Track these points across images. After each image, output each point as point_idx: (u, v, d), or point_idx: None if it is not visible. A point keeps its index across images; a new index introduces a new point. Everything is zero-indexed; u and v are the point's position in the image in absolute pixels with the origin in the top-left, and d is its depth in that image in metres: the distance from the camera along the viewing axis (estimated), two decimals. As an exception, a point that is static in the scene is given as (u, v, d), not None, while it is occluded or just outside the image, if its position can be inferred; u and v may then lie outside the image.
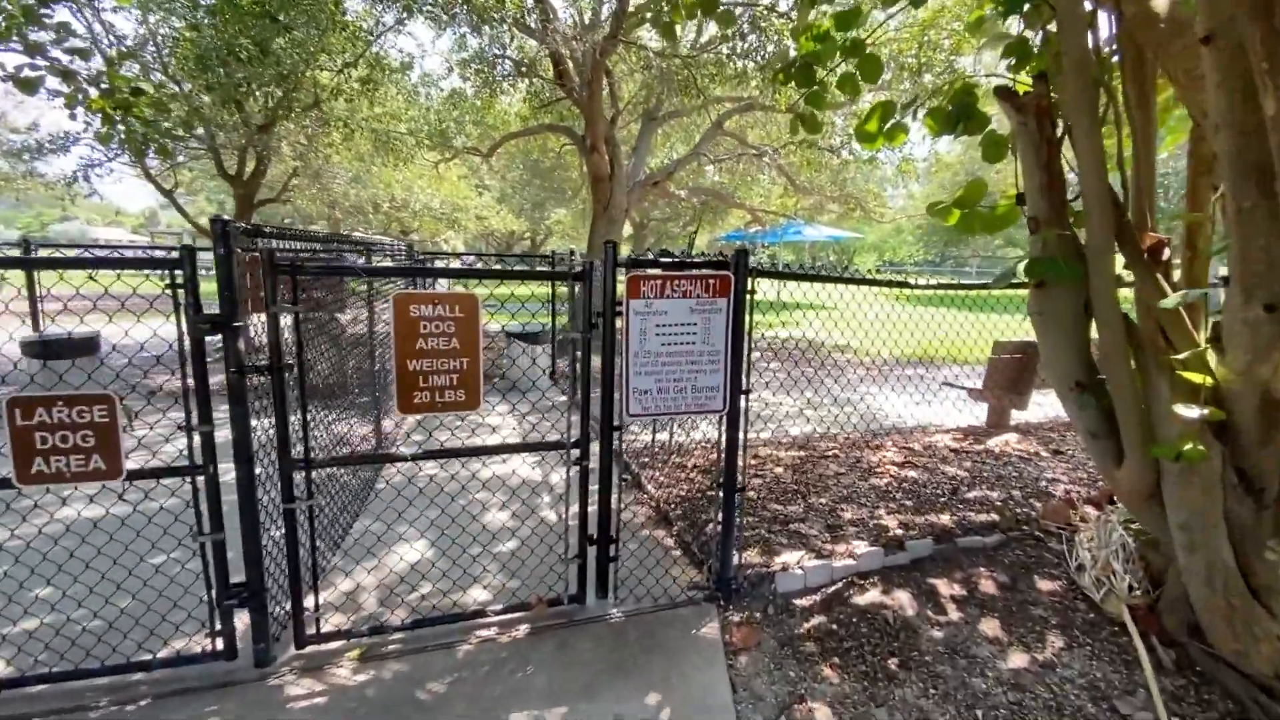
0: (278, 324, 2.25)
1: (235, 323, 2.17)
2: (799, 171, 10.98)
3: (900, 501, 3.88)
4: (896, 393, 6.83)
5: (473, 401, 2.46)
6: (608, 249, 2.53)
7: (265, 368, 2.25)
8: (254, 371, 2.23)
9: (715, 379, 2.76)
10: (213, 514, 2.29)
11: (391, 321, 2.30)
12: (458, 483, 3.55)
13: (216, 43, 6.14)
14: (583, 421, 2.67)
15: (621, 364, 2.64)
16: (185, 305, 2.14)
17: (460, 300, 2.37)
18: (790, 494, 4.02)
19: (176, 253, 2.15)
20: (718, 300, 2.67)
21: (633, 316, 2.60)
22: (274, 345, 2.25)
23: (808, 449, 5.05)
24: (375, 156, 12.20)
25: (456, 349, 2.40)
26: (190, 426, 2.20)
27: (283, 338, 2.27)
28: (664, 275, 2.59)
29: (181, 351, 2.19)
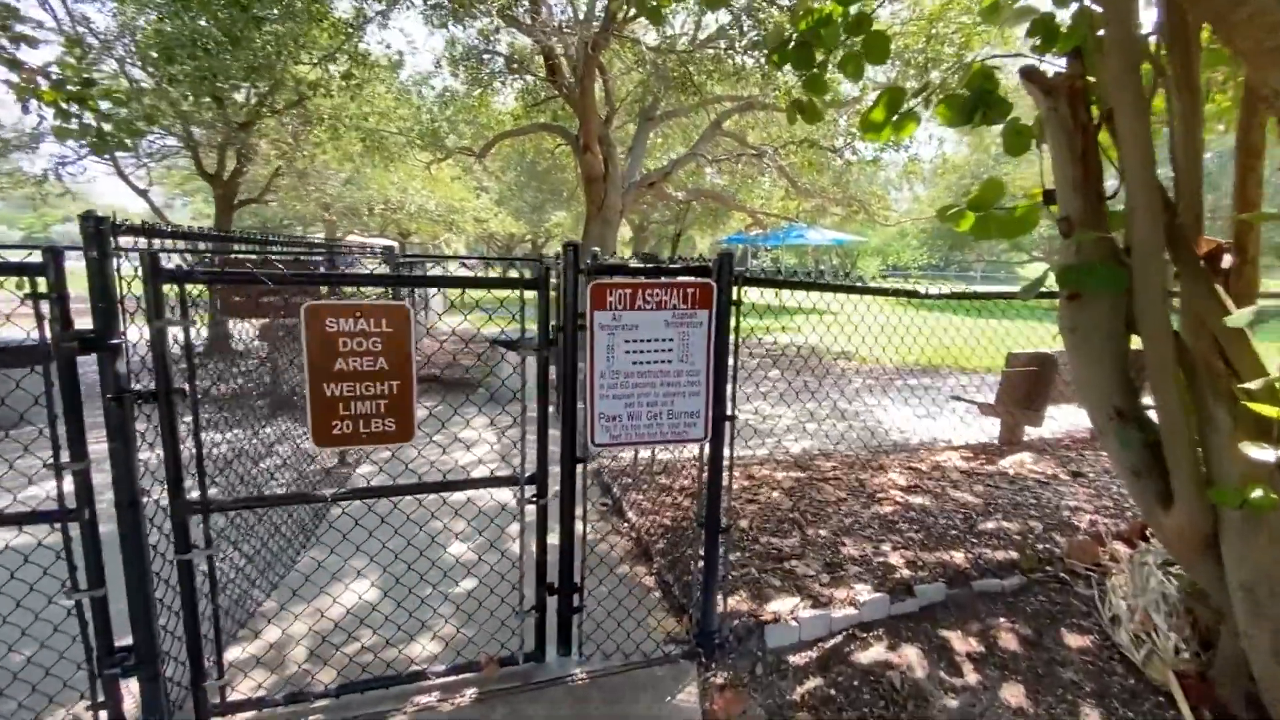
0: (164, 340, 1.88)
1: (112, 340, 1.80)
2: (800, 173, 10.60)
3: (907, 535, 3.49)
4: (900, 404, 6.44)
5: (404, 432, 2.09)
6: (566, 252, 2.16)
7: (150, 394, 1.88)
8: (138, 398, 1.86)
9: (695, 403, 2.38)
10: (91, 566, 1.92)
11: (303, 337, 1.93)
12: (425, 509, 3.16)
13: (181, 32, 5.79)
14: (540, 452, 2.30)
15: (587, 386, 2.26)
16: (51, 319, 1.77)
17: (388, 312, 2.00)
18: (786, 523, 3.63)
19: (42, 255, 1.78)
20: (697, 312, 2.30)
21: (598, 331, 2.23)
22: (160, 366, 1.88)
23: (806, 469, 4.66)
24: (364, 157, 11.86)
25: (384, 370, 2.03)
26: (59, 464, 1.83)
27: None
28: (634, 284, 2.22)
29: (46, 374, 1.82)
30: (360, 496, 2.15)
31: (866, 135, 2.88)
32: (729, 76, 8.59)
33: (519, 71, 9.40)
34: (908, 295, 2.98)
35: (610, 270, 2.26)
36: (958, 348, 7.31)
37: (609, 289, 2.20)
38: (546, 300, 2.19)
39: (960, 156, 19.63)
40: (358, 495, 2.14)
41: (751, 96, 10.08)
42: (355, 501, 3.26)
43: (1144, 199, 2.06)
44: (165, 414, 1.92)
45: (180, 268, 1.86)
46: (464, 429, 5.64)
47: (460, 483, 2.22)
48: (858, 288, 2.78)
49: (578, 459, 2.33)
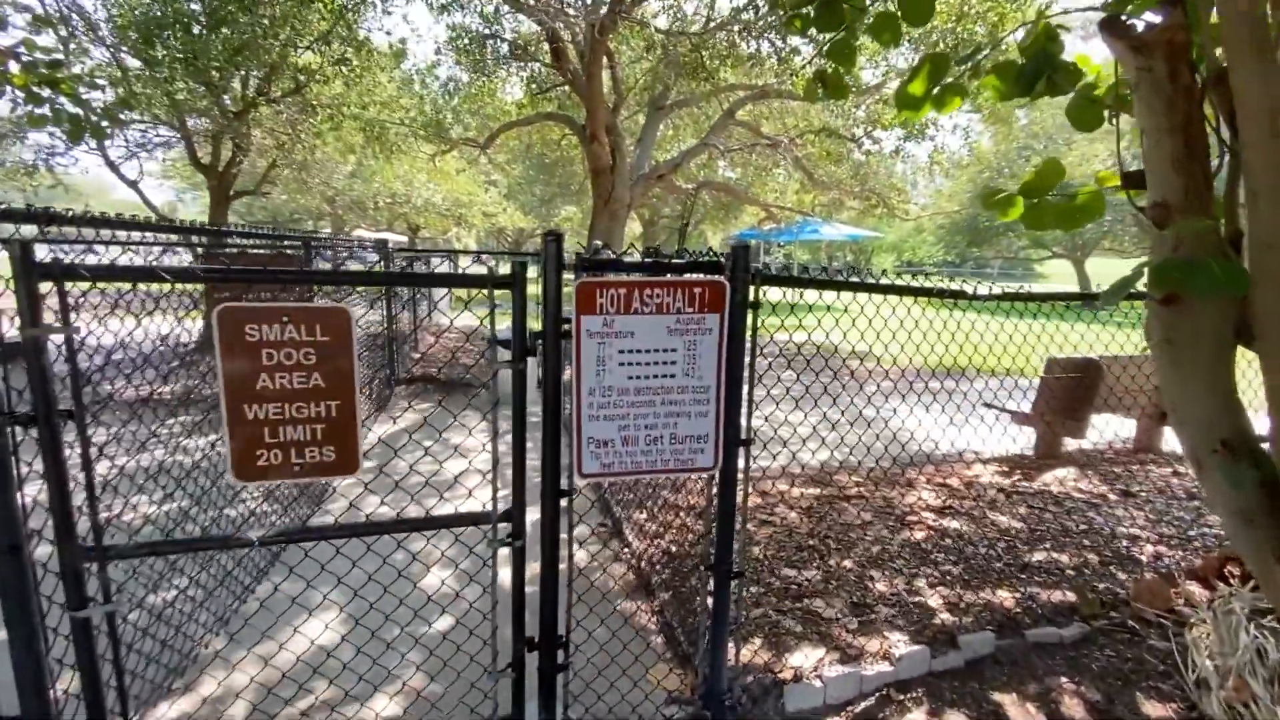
0: (43, 353, 1.51)
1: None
2: (817, 164, 10.14)
3: (944, 568, 3.08)
4: (924, 410, 5.97)
5: (346, 463, 1.71)
6: (548, 244, 1.77)
7: (30, 417, 1.52)
8: (13, 422, 1.50)
9: (703, 425, 1.98)
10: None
11: (218, 346, 1.56)
12: (392, 539, 2.79)
13: (163, 11, 5.46)
14: (516, 485, 1.91)
15: (572, 405, 1.88)
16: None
17: (325, 317, 1.62)
18: (805, 551, 3.23)
19: None
20: (707, 317, 1.90)
21: (586, 339, 1.84)
22: (39, 385, 1.51)
23: (826, 485, 4.25)
24: (366, 148, 11.55)
25: (320, 387, 1.65)
26: (-88, 502, 1.48)
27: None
28: (630, 282, 1.82)
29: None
30: (293, 540, 1.78)
31: (903, 112, 2.45)
32: (743, 62, 8.14)
33: (523, 57, 9.01)
34: (953, 296, 2.56)
35: (601, 266, 1.87)
36: (984, 349, 6.83)
37: (599, 288, 1.81)
38: (522, 301, 1.80)
39: (989, 145, 18.85)
40: (290, 539, 1.77)
41: (767, 84, 9.63)
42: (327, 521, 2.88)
43: (1273, 178, 1.63)
44: (47, 441, 1.55)
45: (58, 261, 1.49)
46: (466, 437, 5.27)
47: (418, 521, 1.85)
48: (893, 287, 2.37)
49: (562, 492, 1.95)
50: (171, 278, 1.51)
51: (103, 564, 1.67)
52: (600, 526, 3.71)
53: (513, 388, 1.85)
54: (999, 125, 10.29)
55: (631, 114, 11.96)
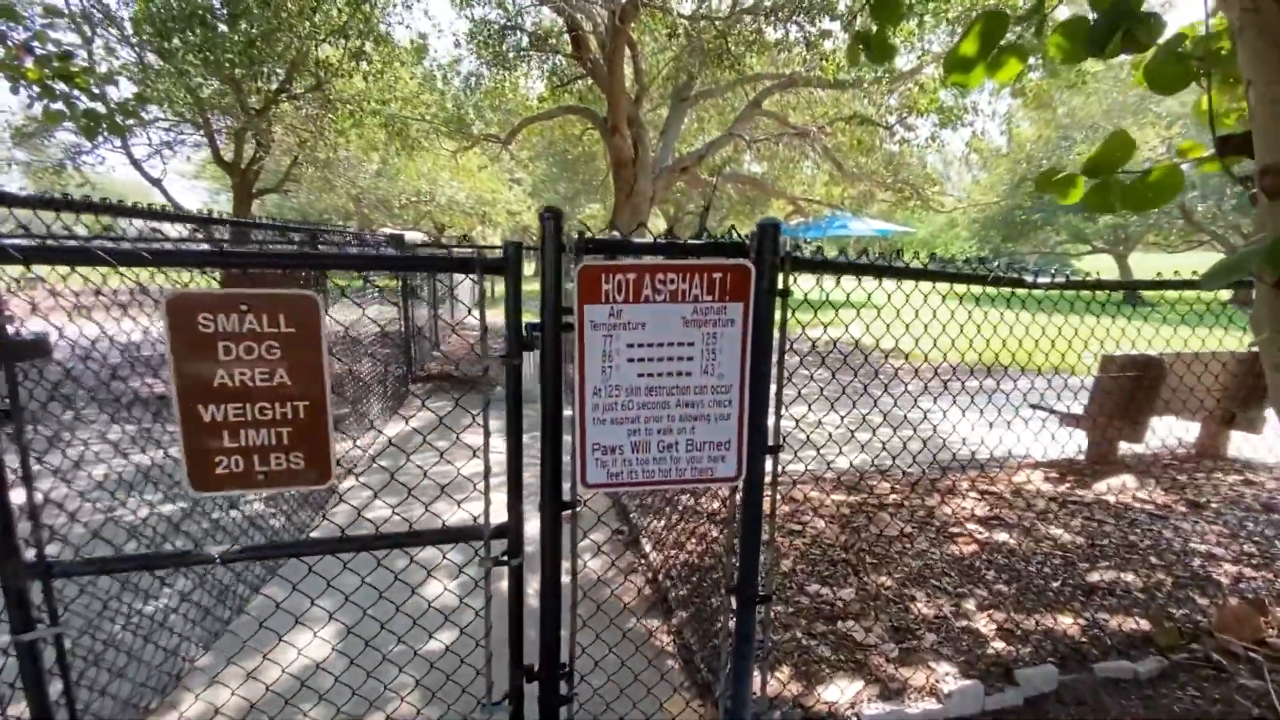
0: (-28, 345, 1.33)
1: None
2: (847, 154, 9.75)
3: (995, 588, 2.78)
4: (964, 409, 5.60)
5: (318, 471, 1.51)
6: (546, 222, 1.54)
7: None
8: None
9: (725, 429, 1.74)
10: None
11: (168, 339, 1.36)
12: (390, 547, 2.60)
13: (176, 5, 5.39)
14: (511, 497, 1.69)
15: (574, 405, 1.65)
16: None
17: (290, 306, 1.42)
18: (838, 565, 2.96)
19: None
20: (729, 306, 1.65)
21: (590, 332, 1.61)
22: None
23: (859, 491, 3.96)
24: (388, 144, 11.52)
25: (285, 386, 1.45)
26: None
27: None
28: (640, 266, 1.59)
29: None
30: (260, 557, 1.58)
31: (952, 78, 2.16)
32: (770, 48, 7.82)
33: (543, 49, 8.82)
34: (1012, 285, 2.26)
35: (607, 248, 1.64)
36: (1028, 346, 6.42)
37: (605, 273, 1.57)
38: (516, 288, 1.58)
39: (1032, 131, 17.95)
40: (257, 556, 1.58)
41: (794, 73, 9.28)
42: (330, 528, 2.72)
43: None
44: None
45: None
46: (475, 436, 5.10)
47: (400, 537, 1.64)
48: (943, 274, 2.09)
49: (564, 504, 1.72)
50: (111, 260, 1.32)
51: (47, 583, 1.50)
52: (616, 534, 3.48)
53: (506, 387, 1.63)
54: (1040, 111, 9.74)
55: (655, 107, 11.72)
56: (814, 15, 6.50)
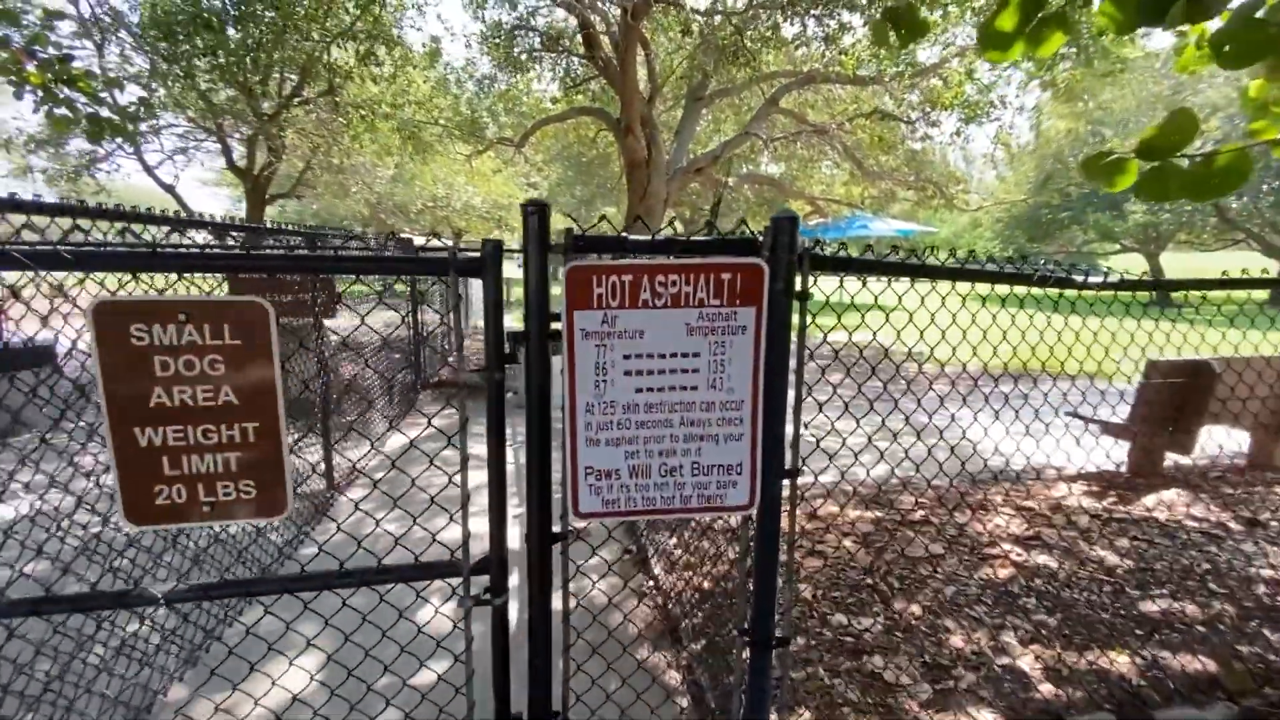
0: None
1: None
2: (867, 152, 9.46)
3: (1036, 617, 2.53)
4: (993, 417, 5.30)
5: (272, 501, 1.33)
6: (528, 217, 1.35)
7: None
8: None
9: (735, 451, 1.53)
10: None
11: (96, 352, 1.20)
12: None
13: (182, 7, 5.32)
14: (494, 528, 1.50)
15: (564, 424, 1.46)
16: None
17: (236, 315, 1.24)
18: (863, 592, 2.73)
19: None
20: (739, 310, 1.45)
21: (581, 341, 1.41)
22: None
23: (884, 507, 3.72)
24: (402, 149, 11.48)
25: (232, 405, 1.28)
26: None
27: None
28: (636, 266, 1.39)
29: None
30: (209, 596, 1.41)
31: (988, 53, 1.94)
32: (787, 44, 7.59)
33: (555, 49, 8.68)
34: (1059, 285, 2.03)
35: (600, 246, 1.44)
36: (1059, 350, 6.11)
37: (596, 275, 1.38)
38: (495, 293, 1.39)
39: (1061, 125, 17.32)
40: (205, 595, 1.40)
41: (813, 70, 9.04)
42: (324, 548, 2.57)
43: None
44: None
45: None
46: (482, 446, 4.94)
47: (368, 573, 1.45)
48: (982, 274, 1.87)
49: (554, 536, 1.53)
50: (33, 263, 1.16)
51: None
52: (625, 554, 3.28)
53: (488, 405, 1.45)
54: (1070, 104, 9.34)
55: (669, 108, 11.54)
56: (833, 7, 6.27)
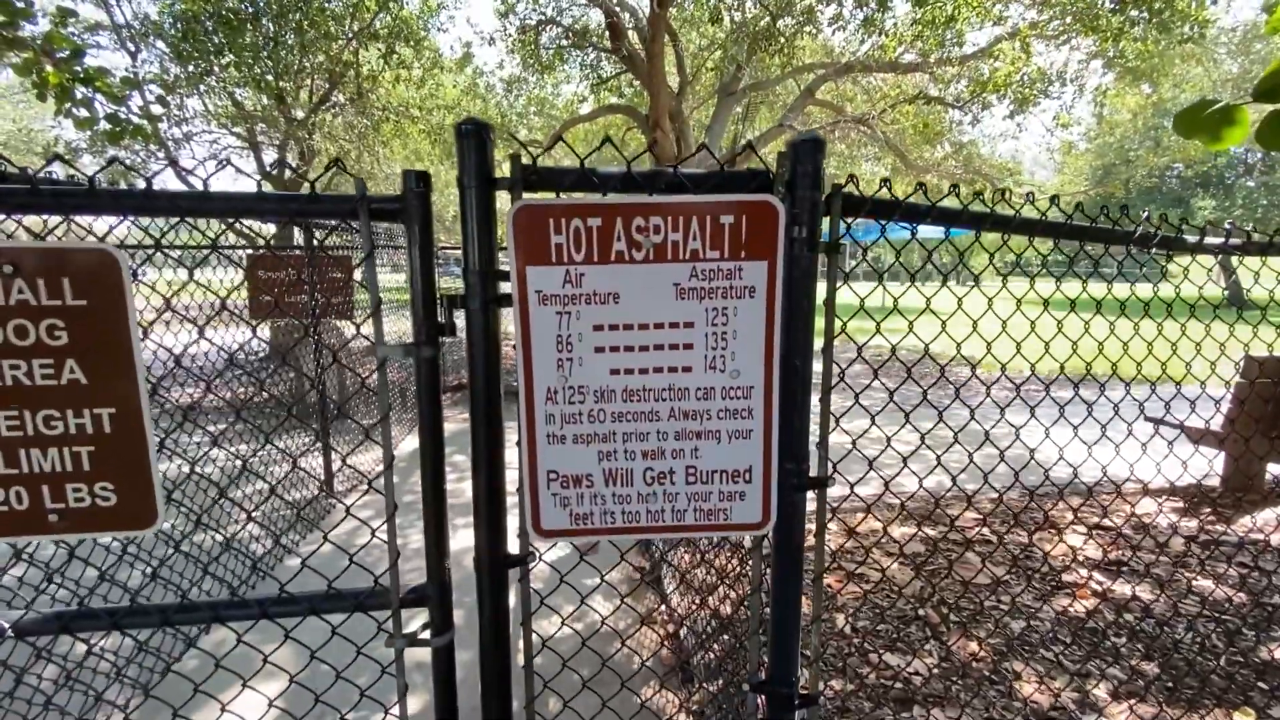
0: None
1: None
2: (910, 145, 8.91)
3: (1129, 662, 2.06)
4: (1053, 423, 4.75)
5: (136, 508, 1.04)
6: (463, 140, 1.03)
7: None
8: None
9: (744, 453, 1.17)
10: None
11: (-98, 319, 0.93)
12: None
13: (198, 8, 5.27)
14: (431, 551, 1.18)
15: (519, 418, 1.13)
16: None
17: (79, 266, 0.96)
18: (913, 625, 2.31)
19: None
20: (745, 266, 1.09)
21: (536, 307, 1.08)
22: None
23: (934, 522, 3.27)
24: (432, 153, 11.49)
25: (80, 384, 0.99)
26: None
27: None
28: (607, 206, 1.06)
29: None
30: (66, 630, 1.13)
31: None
32: (823, 28, 7.18)
33: (581, 44, 8.47)
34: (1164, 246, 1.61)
35: (557, 179, 1.11)
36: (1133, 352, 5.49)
37: (553, 217, 1.05)
38: (426, 245, 1.07)
39: (1123, 118, 16.16)
40: (62, 629, 1.12)
41: (851, 59, 8.58)
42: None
43: None
44: None
45: None
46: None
47: (270, 603, 1.14)
48: (1069, 229, 1.48)
49: (508, 559, 1.19)
50: None
51: None
52: (637, 571, 2.93)
53: (417, 389, 1.13)
54: (1136, 84, 8.57)
55: (700, 104, 11.21)
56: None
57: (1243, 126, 1.39)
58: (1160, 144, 17.38)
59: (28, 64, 4.65)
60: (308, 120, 8.24)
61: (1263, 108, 1.38)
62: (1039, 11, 7.79)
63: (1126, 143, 17.95)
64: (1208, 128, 1.42)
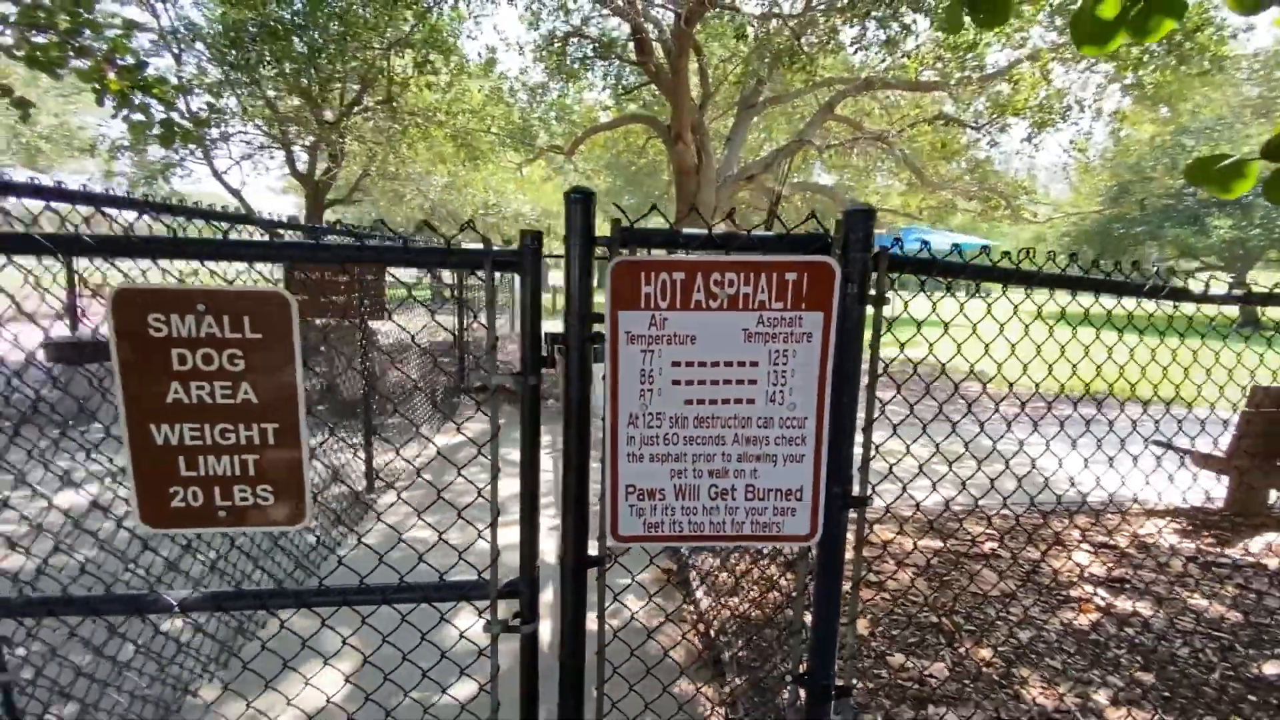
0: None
1: None
2: (927, 160, 9.06)
3: (1129, 671, 2.23)
4: (1061, 443, 4.89)
5: (290, 508, 1.24)
6: (571, 205, 1.22)
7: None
8: None
9: (797, 474, 1.36)
10: None
11: (113, 344, 1.13)
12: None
13: (250, 17, 5.50)
14: (526, 551, 1.37)
15: (604, 437, 1.32)
16: None
17: (257, 306, 1.16)
18: (927, 632, 2.48)
19: None
20: (805, 315, 1.28)
21: (625, 346, 1.28)
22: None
23: (946, 534, 3.44)
24: (455, 156, 11.70)
25: (251, 404, 1.19)
26: None
27: None
28: (690, 263, 1.25)
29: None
30: (222, 608, 1.32)
31: (1083, 47, 1.72)
32: (845, 48, 7.35)
33: (607, 55, 8.67)
34: (1174, 298, 1.77)
35: (650, 239, 1.30)
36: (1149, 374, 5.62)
37: (645, 271, 1.24)
38: (535, 291, 1.27)
39: (1134, 140, 16.29)
40: (216, 606, 1.32)
41: (871, 75, 8.75)
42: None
43: None
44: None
45: None
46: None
47: (388, 590, 1.34)
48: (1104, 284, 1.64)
49: (588, 560, 1.38)
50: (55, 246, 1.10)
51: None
52: (665, 573, 3.11)
53: (521, 415, 1.32)
54: (1154, 108, 8.70)
55: (720, 115, 11.39)
56: (896, 7, 6.01)
57: (1250, 179, 1.56)
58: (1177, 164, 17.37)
59: (93, 70, 4.88)
60: (339, 123, 8.48)
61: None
62: (1059, 34, 7.93)
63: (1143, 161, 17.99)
64: (1217, 179, 1.59)
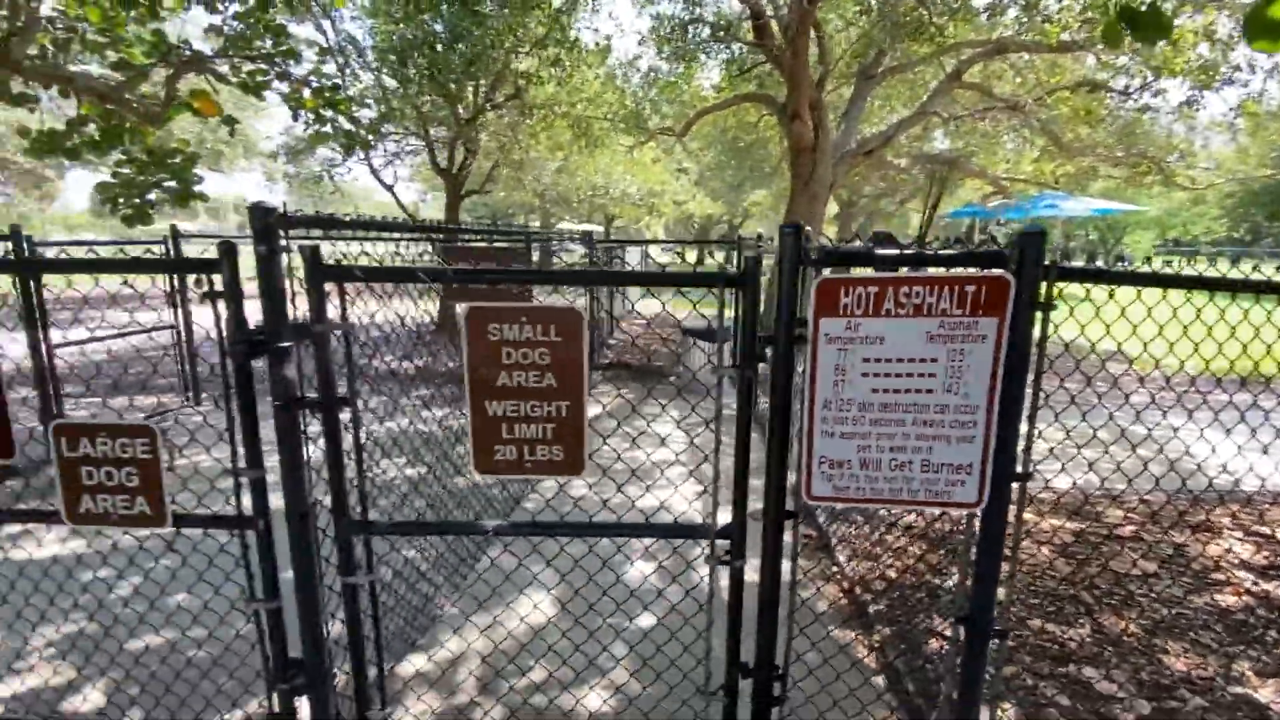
0: (327, 347, 1.68)
1: (280, 343, 1.64)
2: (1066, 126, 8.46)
3: (1277, 651, 2.32)
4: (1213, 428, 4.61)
5: (573, 463, 1.69)
6: (785, 239, 1.56)
7: (318, 402, 1.71)
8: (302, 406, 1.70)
9: (967, 452, 1.64)
10: (266, 577, 1.83)
11: (464, 345, 1.61)
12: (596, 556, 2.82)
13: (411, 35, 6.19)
14: (737, 502, 1.76)
15: (802, 417, 1.66)
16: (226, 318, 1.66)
17: (559, 317, 1.60)
18: (1067, 602, 2.66)
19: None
20: (980, 320, 1.55)
21: (824, 345, 1.60)
22: (324, 376, 1.70)
23: (1086, 518, 3.51)
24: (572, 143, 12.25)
25: (552, 387, 1.64)
26: (236, 469, 1.75)
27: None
28: (883, 279, 1.55)
29: (225, 377, 1.73)
30: (523, 533, 1.81)
31: (1258, 43, 1.80)
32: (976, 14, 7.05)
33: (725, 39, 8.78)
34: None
35: (847, 259, 1.61)
36: None
37: (844, 286, 1.56)
38: (754, 303, 1.62)
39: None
40: (521, 531, 1.81)
41: (1004, 38, 8.28)
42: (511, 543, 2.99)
43: None
44: (329, 427, 1.74)
45: (340, 263, 1.64)
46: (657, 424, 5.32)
47: (638, 527, 1.78)
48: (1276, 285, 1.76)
49: (787, 513, 1.75)
50: (427, 279, 1.59)
51: (368, 538, 1.85)
52: (806, 538, 3.45)
53: (738, 398, 1.69)
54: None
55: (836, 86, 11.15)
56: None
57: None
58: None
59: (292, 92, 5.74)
60: (475, 119, 9.22)
61: None
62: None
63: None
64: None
